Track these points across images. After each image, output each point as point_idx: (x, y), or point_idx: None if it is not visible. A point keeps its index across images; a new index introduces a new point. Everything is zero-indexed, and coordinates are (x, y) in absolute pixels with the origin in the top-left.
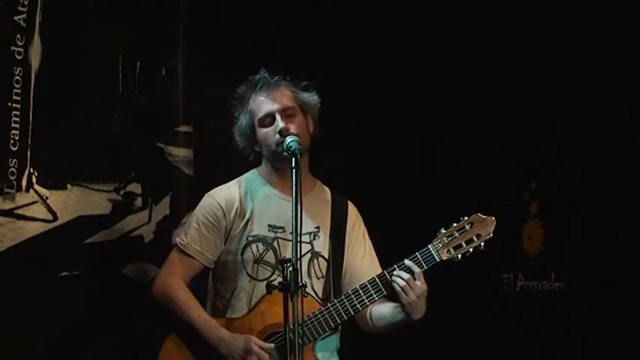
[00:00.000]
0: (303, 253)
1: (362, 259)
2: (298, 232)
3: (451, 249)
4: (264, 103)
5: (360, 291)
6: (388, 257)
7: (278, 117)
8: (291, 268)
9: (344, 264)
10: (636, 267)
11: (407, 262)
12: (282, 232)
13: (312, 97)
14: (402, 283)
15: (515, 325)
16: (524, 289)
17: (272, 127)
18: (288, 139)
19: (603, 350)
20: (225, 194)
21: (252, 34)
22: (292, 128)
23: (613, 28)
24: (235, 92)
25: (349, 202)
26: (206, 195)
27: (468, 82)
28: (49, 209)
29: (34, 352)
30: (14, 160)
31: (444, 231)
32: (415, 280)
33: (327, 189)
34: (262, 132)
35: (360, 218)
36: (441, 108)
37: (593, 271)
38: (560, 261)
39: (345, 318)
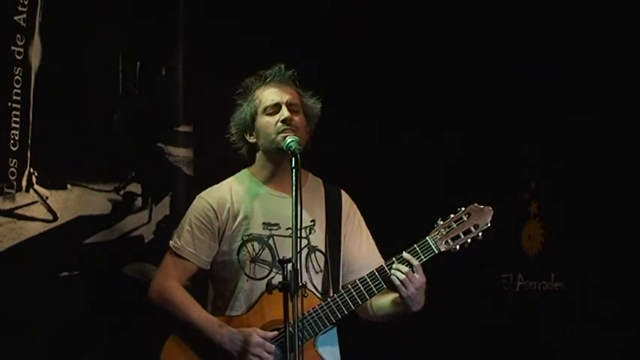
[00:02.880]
0: (300, 249)
1: (359, 248)
2: (298, 232)
3: (449, 240)
4: (273, 94)
5: (360, 285)
6: (387, 251)
7: (284, 107)
8: (290, 268)
9: (341, 255)
10: (636, 266)
11: (405, 254)
12: (276, 229)
13: (315, 106)
14: (402, 276)
15: (515, 325)
16: (524, 289)
17: (276, 117)
18: (289, 138)
19: (603, 350)
20: (216, 195)
21: (252, 34)
22: (295, 121)
23: (613, 28)
24: (243, 82)
25: (342, 192)
26: (197, 197)
27: (469, 81)
28: (49, 209)
29: (34, 352)
30: (14, 160)
31: (441, 222)
32: (414, 272)
33: (320, 180)
34: (264, 120)
35: (355, 206)
36: (441, 106)
37: (593, 271)
38: (560, 261)
39: (346, 312)
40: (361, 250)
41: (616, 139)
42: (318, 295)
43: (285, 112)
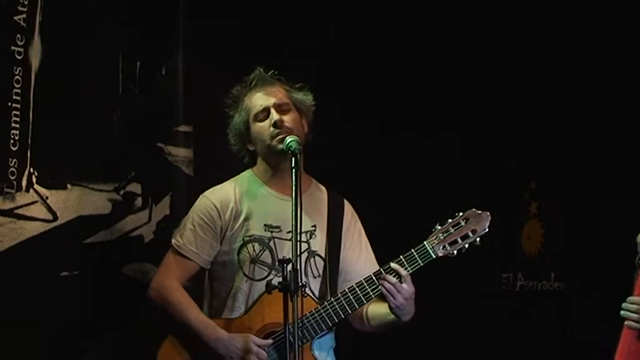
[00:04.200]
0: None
1: (357, 258)
2: (298, 232)
3: (447, 245)
4: (259, 99)
5: (357, 289)
6: (386, 255)
7: (273, 110)
8: (290, 268)
9: (340, 262)
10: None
11: (393, 265)
12: (278, 232)
13: (306, 98)
14: (389, 286)
15: (515, 325)
16: (524, 289)
17: (267, 121)
18: (289, 138)
19: (603, 350)
20: (220, 195)
21: (252, 35)
22: (287, 122)
23: (613, 28)
24: (230, 93)
25: (345, 201)
26: (201, 196)
27: (469, 81)
28: (49, 209)
29: (33, 351)
30: (14, 160)
31: (439, 227)
32: (402, 283)
33: (323, 187)
34: (257, 126)
35: (356, 216)
36: (441, 106)
37: (593, 271)
38: (559, 261)
39: (343, 316)
40: (359, 261)
41: (616, 138)
42: (316, 300)
43: (274, 116)
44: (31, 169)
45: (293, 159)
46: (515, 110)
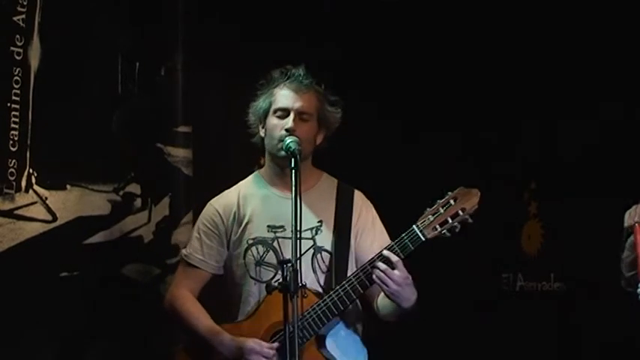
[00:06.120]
0: (305, 250)
1: (371, 245)
2: (298, 232)
3: (437, 226)
4: (287, 97)
5: (353, 278)
6: None
7: (292, 115)
8: (290, 269)
9: (349, 255)
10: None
11: (384, 252)
12: (282, 232)
13: (335, 114)
14: (379, 274)
15: (515, 325)
16: (524, 289)
17: (282, 122)
18: (288, 139)
19: (603, 350)
20: (223, 201)
21: (252, 35)
22: (299, 132)
23: (611, 26)
24: (269, 73)
25: (356, 191)
26: (207, 204)
27: (470, 80)
28: (49, 210)
29: (34, 352)
30: (14, 160)
31: (428, 209)
32: (393, 269)
33: (334, 180)
34: (273, 121)
35: (368, 204)
36: (442, 106)
37: (592, 271)
38: (560, 261)
39: (342, 308)
40: (373, 247)
41: (616, 138)
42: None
43: (289, 122)
44: (31, 170)
45: (292, 159)
46: (516, 110)
